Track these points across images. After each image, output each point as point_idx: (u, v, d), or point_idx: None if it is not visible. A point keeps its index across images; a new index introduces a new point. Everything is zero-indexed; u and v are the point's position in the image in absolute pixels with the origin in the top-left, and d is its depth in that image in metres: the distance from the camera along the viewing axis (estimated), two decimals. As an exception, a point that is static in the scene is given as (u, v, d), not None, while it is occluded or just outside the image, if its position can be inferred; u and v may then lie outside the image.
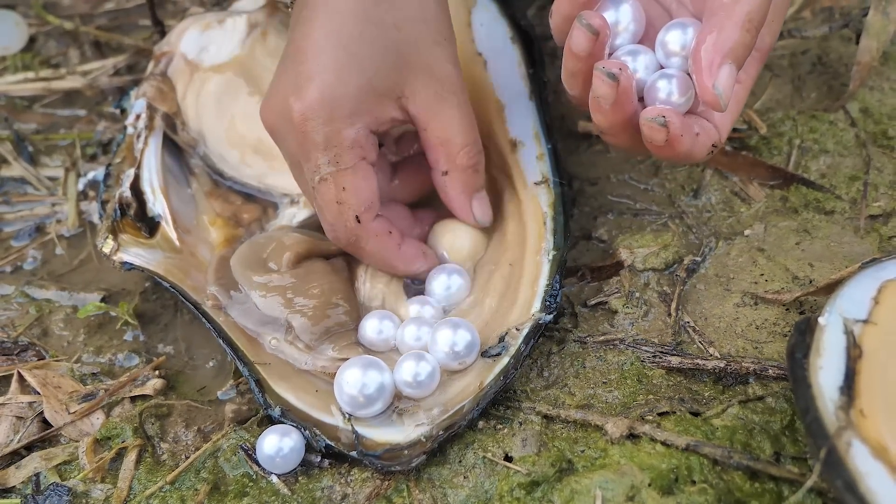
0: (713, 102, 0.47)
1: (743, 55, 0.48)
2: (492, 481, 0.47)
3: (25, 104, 0.76)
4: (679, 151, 0.49)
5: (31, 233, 0.67)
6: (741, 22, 0.47)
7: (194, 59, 0.66)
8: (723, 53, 0.47)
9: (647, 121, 0.48)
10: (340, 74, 0.51)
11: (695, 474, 0.45)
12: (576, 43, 0.49)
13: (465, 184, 0.56)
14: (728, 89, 0.47)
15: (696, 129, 0.50)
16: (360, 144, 0.52)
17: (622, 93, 0.48)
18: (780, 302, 0.54)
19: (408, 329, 0.53)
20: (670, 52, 0.50)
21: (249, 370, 0.52)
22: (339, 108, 0.51)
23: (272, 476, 0.49)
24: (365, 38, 0.52)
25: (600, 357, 0.53)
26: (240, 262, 0.57)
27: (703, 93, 0.47)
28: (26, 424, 0.53)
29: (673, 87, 0.49)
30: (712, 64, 0.46)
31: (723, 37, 0.47)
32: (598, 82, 0.49)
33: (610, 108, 0.49)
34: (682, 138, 0.48)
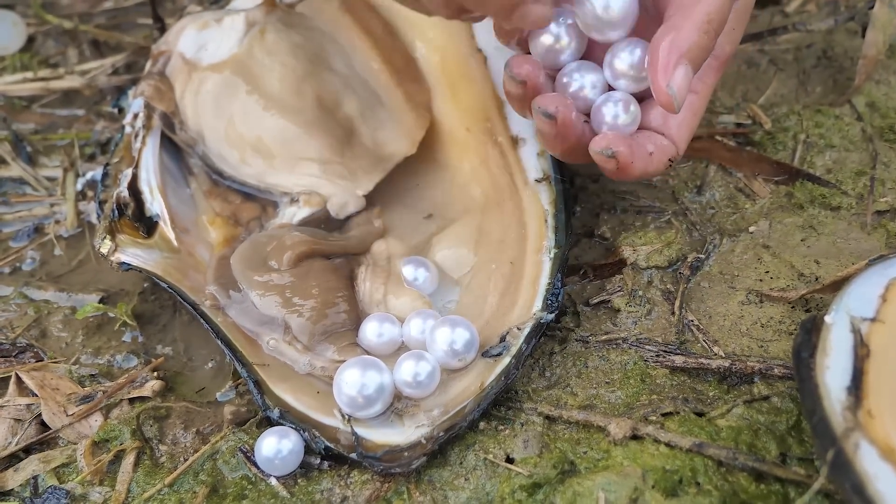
0: (667, 103, 0.47)
1: (700, 57, 0.47)
2: (493, 483, 0.47)
3: (24, 104, 0.76)
4: (633, 174, 0.50)
5: (30, 233, 0.67)
6: (699, 23, 0.46)
7: (192, 58, 0.66)
8: (679, 53, 0.46)
9: (595, 152, 0.49)
10: None
11: (699, 476, 0.45)
12: (509, 88, 0.51)
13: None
14: (683, 90, 0.46)
15: (649, 149, 0.50)
16: None
17: (562, 126, 0.49)
18: (786, 300, 0.54)
19: (413, 322, 0.53)
20: (618, 72, 0.50)
21: (248, 371, 0.51)
22: None
23: (271, 478, 0.49)
24: None
25: (603, 356, 0.52)
26: (240, 261, 0.57)
27: (658, 93, 0.47)
28: (24, 427, 0.53)
29: (619, 109, 0.50)
30: (667, 64, 0.46)
31: (680, 37, 0.46)
32: (537, 121, 0.50)
33: (554, 140, 0.50)
34: (633, 164, 0.49)
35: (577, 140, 0.50)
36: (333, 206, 0.61)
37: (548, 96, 0.49)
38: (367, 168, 0.62)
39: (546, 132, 0.50)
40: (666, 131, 0.52)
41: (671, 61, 0.46)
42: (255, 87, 0.65)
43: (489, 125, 0.62)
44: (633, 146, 0.49)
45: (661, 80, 0.46)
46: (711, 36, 0.47)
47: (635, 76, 0.50)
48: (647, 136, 0.51)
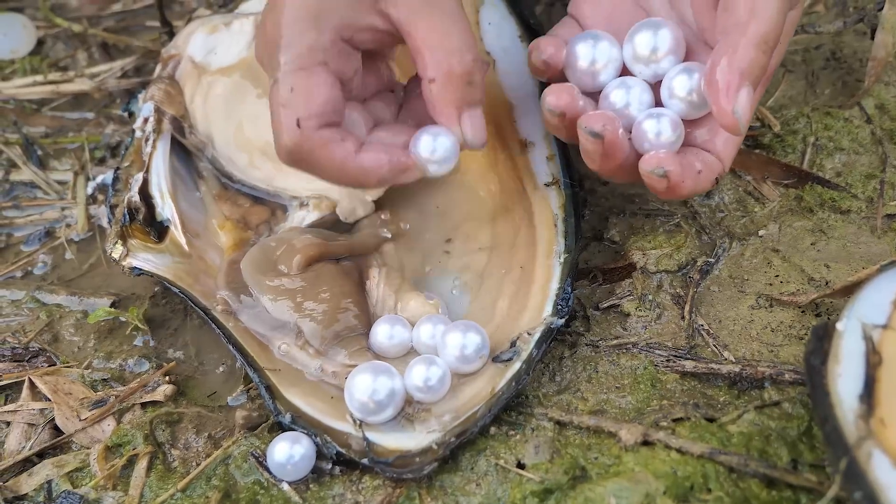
0: (732, 126, 0.46)
1: (759, 77, 0.47)
2: (504, 489, 0.47)
3: (34, 107, 0.76)
4: (683, 193, 0.49)
5: (41, 237, 0.67)
6: (756, 42, 0.46)
7: (202, 62, 0.66)
8: (740, 75, 0.46)
9: (646, 172, 0.49)
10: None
11: (711, 482, 0.45)
12: (547, 118, 0.51)
13: (455, 94, 0.49)
14: (747, 112, 0.46)
15: (697, 167, 0.50)
16: (323, 49, 0.48)
17: (609, 145, 0.49)
18: (796, 304, 0.54)
19: (423, 328, 0.53)
20: (675, 95, 0.50)
21: (260, 376, 0.52)
22: (304, 10, 0.48)
23: (283, 483, 0.49)
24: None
25: (613, 361, 0.53)
26: (250, 266, 0.57)
27: (723, 116, 0.46)
28: (38, 431, 0.53)
29: (662, 126, 0.50)
30: (729, 86, 0.46)
31: (738, 57, 0.46)
32: (583, 140, 0.49)
33: (600, 160, 0.50)
34: (684, 183, 0.49)
35: (624, 158, 0.50)
36: (343, 211, 0.61)
37: (594, 115, 0.49)
38: (377, 172, 0.62)
39: (592, 151, 0.49)
40: (712, 148, 0.51)
41: (733, 83, 0.46)
42: (265, 90, 0.64)
43: (498, 129, 0.62)
44: (684, 165, 0.48)
45: (726, 104, 0.46)
46: (769, 54, 0.47)
47: (695, 101, 0.50)
48: (695, 153, 0.50)
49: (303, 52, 0.48)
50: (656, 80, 0.52)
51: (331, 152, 0.49)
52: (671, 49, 0.51)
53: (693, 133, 0.52)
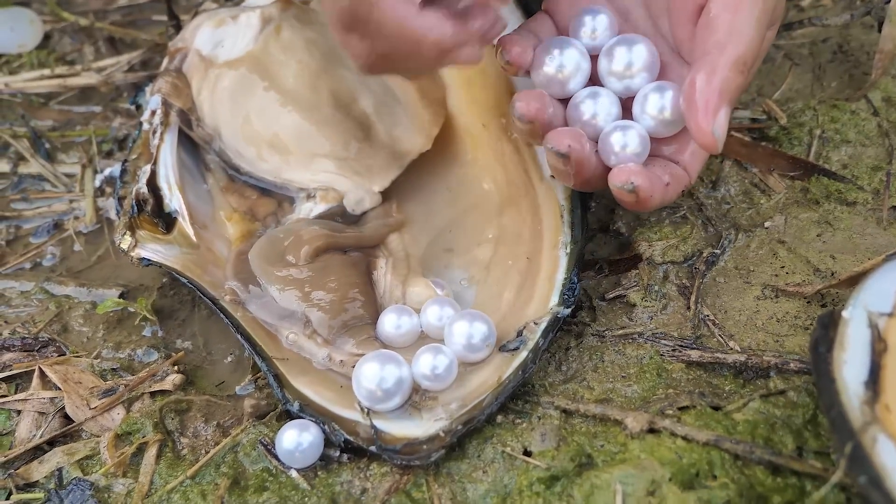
0: (711, 145, 0.47)
1: (736, 97, 0.48)
2: (511, 476, 0.47)
3: (41, 101, 0.76)
4: (650, 207, 0.50)
5: (50, 229, 0.67)
6: (735, 63, 0.46)
7: (209, 55, 0.66)
8: (719, 95, 0.46)
9: (615, 186, 0.49)
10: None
11: (716, 469, 0.45)
12: (517, 125, 0.51)
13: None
14: (725, 130, 0.47)
15: (665, 179, 0.50)
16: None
17: (576, 163, 0.49)
18: (802, 295, 0.54)
19: (430, 310, 0.53)
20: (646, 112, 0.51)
21: (268, 365, 0.52)
22: None
23: (291, 470, 0.49)
24: None
25: (619, 351, 0.53)
26: (258, 256, 0.57)
27: (701, 136, 0.47)
28: (48, 420, 0.54)
29: (629, 139, 0.50)
30: (708, 106, 0.46)
31: (717, 78, 0.46)
32: (550, 157, 0.50)
33: (568, 177, 0.50)
34: (652, 197, 0.49)
35: (592, 172, 0.50)
36: (350, 202, 0.61)
37: (559, 133, 0.49)
38: (383, 164, 0.63)
39: (560, 169, 0.50)
40: (680, 160, 0.51)
41: (712, 104, 0.46)
42: (271, 83, 0.65)
43: (504, 121, 0.62)
44: (652, 178, 0.49)
45: (705, 124, 0.46)
46: (745, 75, 0.47)
47: (668, 120, 0.50)
48: (663, 165, 0.51)
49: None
50: (627, 95, 0.52)
51: (392, 5, 0.44)
52: (646, 66, 0.51)
53: (660, 146, 0.52)
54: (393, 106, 0.65)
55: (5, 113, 0.76)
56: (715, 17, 0.48)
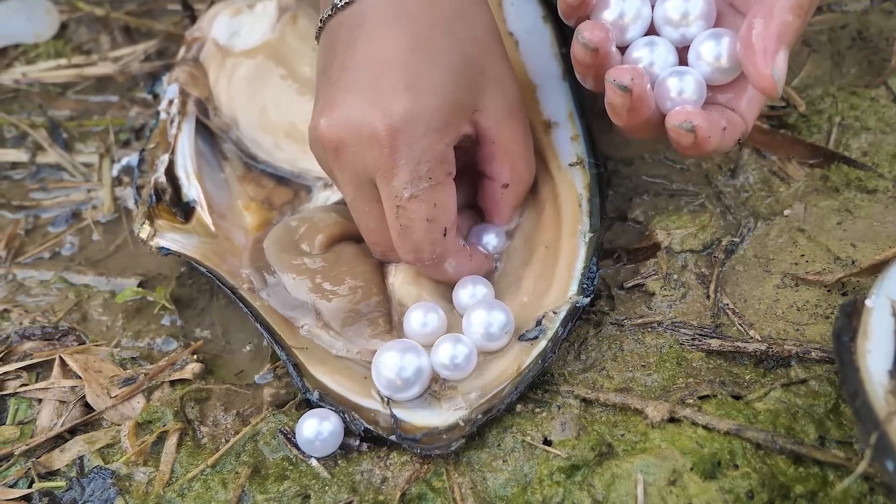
0: (770, 88, 0.46)
1: (794, 41, 0.47)
2: (531, 465, 0.47)
3: (59, 91, 0.77)
4: (707, 150, 0.49)
5: (68, 219, 0.68)
6: (792, 6, 0.46)
7: (226, 45, 0.66)
8: (777, 38, 0.46)
9: (673, 126, 0.48)
10: (432, 88, 0.49)
11: (737, 458, 0.45)
12: (578, 55, 0.50)
13: (519, 198, 0.56)
14: (784, 74, 0.46)
15: (723, 124, 0.49)
16: (448, 160, 0.50)
17: (636, 100, 0.48)
18: (822, 283, 0.53)
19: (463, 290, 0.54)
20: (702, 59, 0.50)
21: (287, 354, 0.52)
22: (431, 121, 0.49)
23: (312, 459, 0.49)
24: (449, 50, 0.50)
25: (638, 340, 0.53)
26: (273, 244, 0.57)
27: (761, 79, 0.46)
28: (69, 408, 0.54)
29: (686, 84, 0.49)
30: (767, 50, 0.46)
31: (776, 22, 0.46)
32: (610, 93, 0.49)
33: (626, 114, 0.49)
34: (710, 139, 0.48)
35: (650, 115, 0.50)
36: (367, 191, 0.61)
37: (622, 68, 0.48)
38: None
39: (618, 105, 0.49)
40: (736, 108, 0.51)
41: (770, 47, 0.46)
42: (288, 72, 0.65)
43: (521, 109, 0.62)
44: (710, 121, 0.48)
45: (764, 67, 0.46)
46: (802, 18, 0.47)
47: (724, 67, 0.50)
48: (720, 111, 0.50)
49: (436, 167, 0.50)
50: (684, 43, 0.52)
51: (458, 256, 0.54)
52: (702, 14, 0.51)
53: (716, 95, 0.51)
54: (409, 95, 0.64)
55: (23, 103, 0.76)
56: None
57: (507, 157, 0.54)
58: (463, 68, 0.51)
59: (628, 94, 0.48)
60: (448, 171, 0.51)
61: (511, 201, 0.56)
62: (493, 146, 0.54)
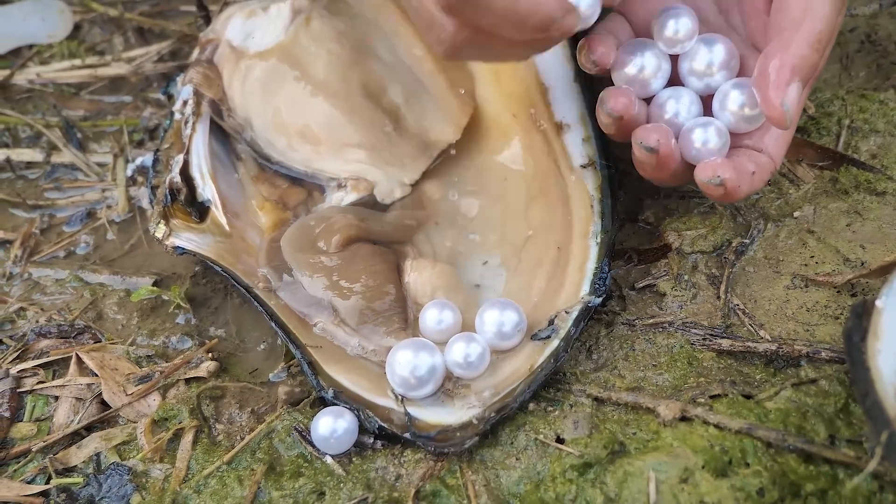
0: (779, 119, 0.47)
1: (809, 75, 0.48)
2: (544, 463, 0.48)
3: (72, 91, 0.77)
4: (739, 197, 0.50)
5: (83, 218, 0.68)
6: (810, 41, 0.46)
7: (240, 46, 0.67)
8: (791, 70, 0.46)
9: (703, 182, 0.49)
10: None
11: (749, 457, 0.45)
12: (604, 122, 0.51)
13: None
14: (795, 107, 0.47)
15: (751, 168, 0.50)
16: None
17: (663, 158, 0.50)
18: (832, 284, 0.54)
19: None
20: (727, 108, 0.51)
21: (302, 353, 0.53)
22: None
23: (326, 457, 0.50)
24: None
25: (649, 340, 0.53)
26: (289, 244, 0.58)
27: (770, 109, 0.47)
28: (86, 406, 0.55)
29: (710, 135, 0.51)
30: (780, 81, 0.46)
31: (791, 54, 0.46)
32: (637, 153, 0.51)
33: (653, 171, 0.51)
34: (740, 188, 0.49)
35: (675, 168, 0.51)
36: (380, 193, 0.62)
37: (648, 128, 0.50)
38: (414, 155, 0.63)
39: (646, 163, 0.50)
40: (763, 148, 0.52)
41: (783, 78, 0.46)
42: (302, 74, 0.66)
43: (533, 112, 0.63)
44: (738, 169, 0.49)
45: (775, 98, 0.46)
46: (821, 53, 0.47)
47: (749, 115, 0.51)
48: (747, 154, 0.51)
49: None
50: (708, 92, 0.53)
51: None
52: (724, 64, 0.52)
53: (741, 137, 0.52)
54: (422, 97, 0.65)
55: (37, 103, 0.77)
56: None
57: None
58: None
59: (654, 154, 0.49)
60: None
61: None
62: None
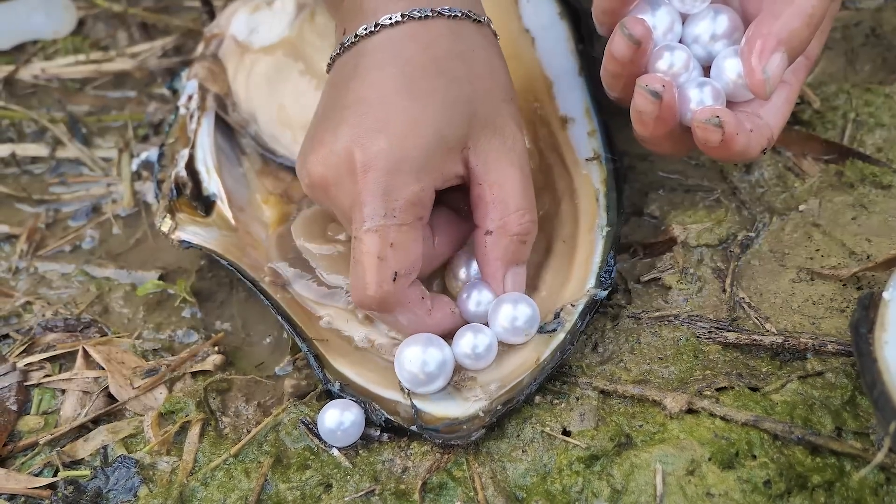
0: (759, 85, 0.47)
1: (798, 48, 0.47)
2: (550, 455, 0.48)
3: (77, 86, 0.77)
4: (734, 150, 0.49)
5: (88, 213, 0.68)
6: (801, 14, 0.46)
7: (244, 41, 0.67)
8: (778, 40, 0.46)
9: (700, 122, 0.48)
10: (412, 127, 0.48)
11: (755, 449, 0.45)
12: (617, 49, 0.49)
13: (507, 251, 0.51)
14: (777, 76, 0.46)
15: (749, 126, 0.49)
16: (422, 203, 0.48)
17: (665, 108, 0.49)
18: (837, 277, 0.54)
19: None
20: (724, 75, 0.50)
21: (308, 346, 0.53)
22: (406, 163, 0.47)
23: (333, 449, 0.50)
24: (438, 90, 0.48)
25: (655, 333, 0.53)
26: (301, 233, 0.58)
27: (751, 75, 0.47)
28: (92, 399, 0.55)
29: (705, 95, 0.50)
30: (764, 48, 0.46)
31: (780, 23, 0.46)
32: (640, 99, 0.49)
33: (652, 122, 0.49)
34: (738, 137, 0.48)
35: (672, 125, 0.50)
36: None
37: (652, 75, 0.49)
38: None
39: (647, 112, 0.48)
40: (762, 114, 0.51)
41: (768, 46, 0.46)
42: (307, 68, 0.66)
43: (537, 105, 0.63)
44: (738, 118, 0.48)
45: (756, 64, 0.46)
46: (811, 29, 0.47)
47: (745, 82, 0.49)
48: (745, 115, 0.50)
49: (405, 206, 0.47)
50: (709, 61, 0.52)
51: (414, 309, 0.50)
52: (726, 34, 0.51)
53: (740, 104, 0.52)
54: (426, 90, 0.65)
55: (42, 98, 0.77)
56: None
57: (492, 202, 0.50)
58: (453, 105, 0.49)
59: (658, 100, 0.48)
60: (419, 214, 0.48)
61: (496, 253, 0.51)
62: (479, 188, 0.50)
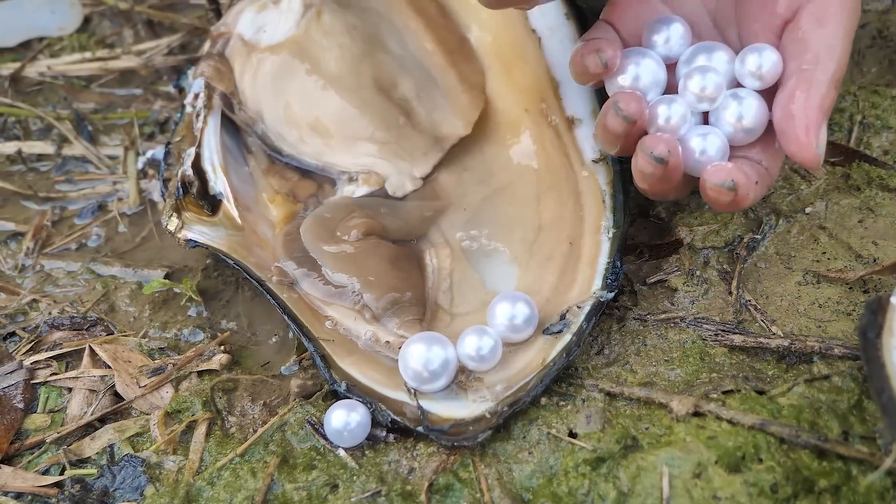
0: (813, 161, 0.47)
1: (830, 112, 0.48)
2: (556, 457, 0.48)
3: (83, 84, 0.77)
4: (743, 206, 0.49)
5: (94, 211, 0.68)
6: (831, 80, 0.47)
7: (251, 40, 0.67)
8: (819, 111, 0.47)
9: (714, 185, 0.48)
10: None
11: (762, 452, 0.45)
12: (612, 127, 0.50)
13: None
14: (825, 144, 0.47)
15: (755, 178, 0.50)
16: None
17: (670, 170, 0.49)
18: (844, 280, 0.54)
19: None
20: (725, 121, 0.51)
21: (314, 346, 0.53)
22: None
23: (339, 450, 0.50)
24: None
25: (661, 335, 0.53)
26: (309, 234, 0.58)
27: (805, 151, 0.47)
28: (99, 397, 0.55)
29: (709, 143, 0.50)
30: (811, 123, 0.47)
31: (818, 94, 0.47)
32: (644, 162, 0.49)
33: (657, 182, 0.50)
34: (748, 196, 0.49)
35: (678, 180, 0.50)
36: (391, 186, 0.62)
37: (657, 137, 0.49)
38: (424, 149, 0.63)
39: (651, 174, 0.49)
40: (762, 161, 0.51)
41: (814, 120, 0.47)
42: (313, 67, 0.66)
43: (544, 106, 0.63)
44: (748, 175, 0.49)
45: (806, 140, 0.47)
46: (838, 90, 0.48)
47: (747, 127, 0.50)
48: (750, 164, 0.51)
49: None
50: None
51: None
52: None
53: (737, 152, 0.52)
54: (432, 91, 0.65)
55: (48, 95, 0.77)
56: (807, 32, 0.49)
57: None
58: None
59: (663, 165, 0.48)
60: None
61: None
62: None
